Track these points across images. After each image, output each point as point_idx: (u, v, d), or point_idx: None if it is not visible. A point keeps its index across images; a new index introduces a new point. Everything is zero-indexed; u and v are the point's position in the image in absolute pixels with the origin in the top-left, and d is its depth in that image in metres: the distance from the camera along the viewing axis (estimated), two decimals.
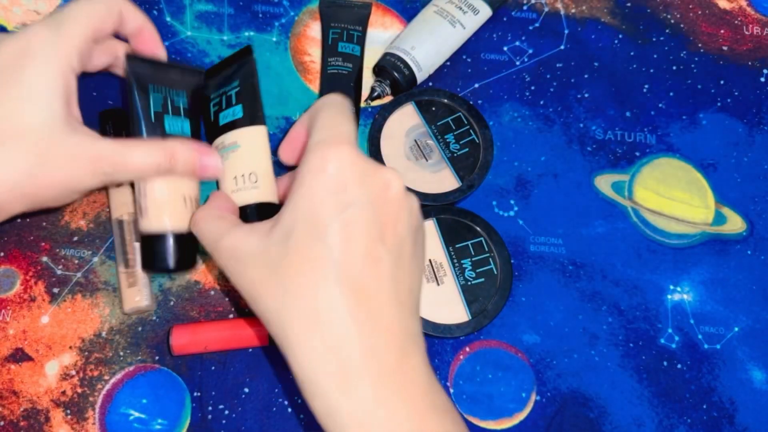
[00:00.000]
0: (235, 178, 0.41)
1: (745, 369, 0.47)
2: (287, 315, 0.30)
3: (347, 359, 0.29)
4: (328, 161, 0.30)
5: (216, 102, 0.44)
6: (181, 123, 0.41)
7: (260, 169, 0.41)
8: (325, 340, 0.29)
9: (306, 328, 0.30)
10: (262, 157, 0.42)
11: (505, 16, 0.56)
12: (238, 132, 0.42)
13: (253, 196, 0.41)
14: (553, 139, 0.52)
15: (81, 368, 0.44)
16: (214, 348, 0.44)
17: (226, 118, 0.42)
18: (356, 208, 0.30)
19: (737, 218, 0.51)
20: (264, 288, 0.31)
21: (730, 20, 0.57)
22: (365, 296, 0.30)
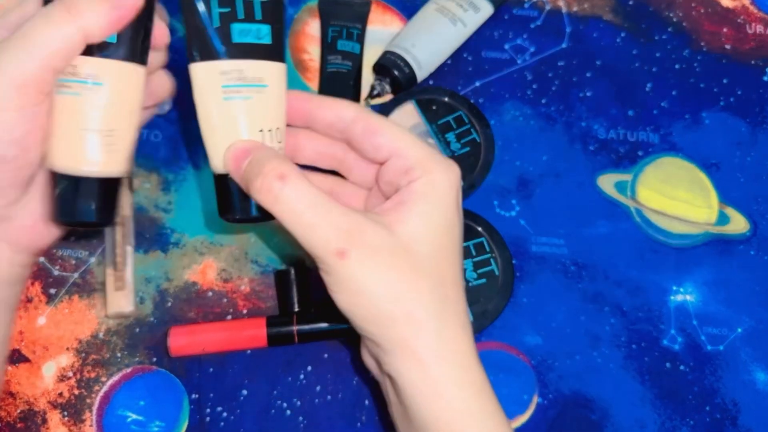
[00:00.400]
0: (261, 131, 0.31)
1: (749, 370, 0.46)
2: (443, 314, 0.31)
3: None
4: (455, 174, 0.33)
5: (227, 1, 0.31)
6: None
7: (282, 125, 0.33)
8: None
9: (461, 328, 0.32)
10: (283, 109, 0.33)
11: (506, 14, 0.56)
12: (264, 65, 0.31)
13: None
14: (555, 138, 0.52)
15: (78, 370, 0.43)
16: (212, 349, 0.43)
17: (246, 36, 0.30)
18: (461, 218, 0.34)
19: (740, 218, 0.50)
20: (414, 285, 0.31)
21: (733, 19, 0.57)
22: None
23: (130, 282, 0.44)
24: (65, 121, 0.30)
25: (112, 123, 0.30)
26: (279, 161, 0.30)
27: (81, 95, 0.29)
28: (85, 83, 0.29)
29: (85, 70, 0.29)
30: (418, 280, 0.30)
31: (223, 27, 0.30)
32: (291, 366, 0.44)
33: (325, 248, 0.29)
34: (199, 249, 0.47)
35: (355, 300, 0.30)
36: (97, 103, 0.29)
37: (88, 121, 0.29)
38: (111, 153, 0.30)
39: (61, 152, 0.30)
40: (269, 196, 0.30)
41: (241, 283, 0.46)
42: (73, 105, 0.29)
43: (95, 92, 0.29)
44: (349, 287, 0.30)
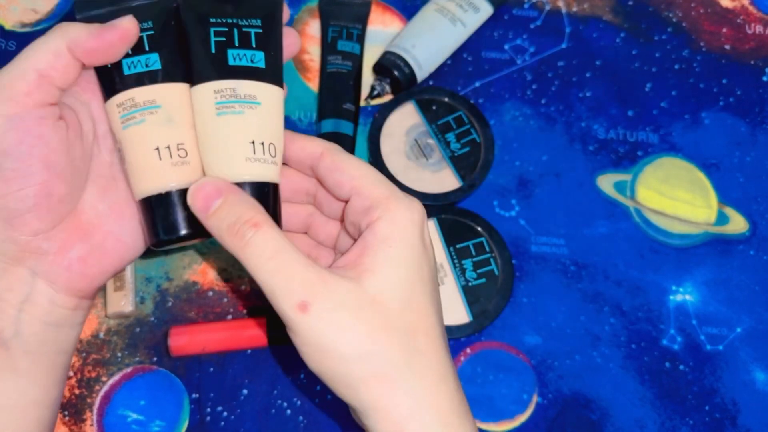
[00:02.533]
0: (252, 142, 0.32)
1: (748, 370, 0.46)
2: (413, 365, 0.30)
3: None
4: (417, 212, 0.31)
5: (223, 32, 0.33)
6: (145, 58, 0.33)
7: (278, 143, 0.34)
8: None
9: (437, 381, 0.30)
10: (279, 130, 0.34)
11: (506, 14, 0.56)
12: (256, 84, 0.33)
13: (271, 174, 0.33)
14: (555, 138, 0.52)
15: (79, 369, 0.43)
16: (212, 349, 0.43)
17: (241, 60, 0.33)
18: (431, 255, 0.32)
19: (740, 218, 0.51)
20: (382, 338, 0.29)
21: (733, 19, 0.57)
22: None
23: (130, 282, 0.44)
24: (139, 149, 0.32)
25: (179, 138, 0.33)
26: (255, 210, 0.30)
27: (146, 120, 0.32)
28: (145, 109, 0.32)
29: (143, 98, 0.32)
30: (386, 335, 0.29)
31: (219, 53, 0.33)
32: (291, 366, 0.44)
33: (288, 301, 0.28)
34: (199, 249, 0.47)
35: (322, 359, 0.29)
36: (160, 122, 0.32)
37: (158, 141, 0.32)
38: (188, 164, 0.33)
39: (143, 177, 0.33)
40: (240, 241, 0.29)
41: (242, 283, 0.46)
42: (141, 131, 0.32)
43: (157, 114, 0.32)
44: (314, 345, 0.29)
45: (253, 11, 0.34)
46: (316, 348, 0.29)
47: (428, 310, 0.31)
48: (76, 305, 0.33)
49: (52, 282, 0.32)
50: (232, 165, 0.32)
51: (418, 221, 0.31)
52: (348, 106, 0.50)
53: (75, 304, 0.33)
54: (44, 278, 0.31)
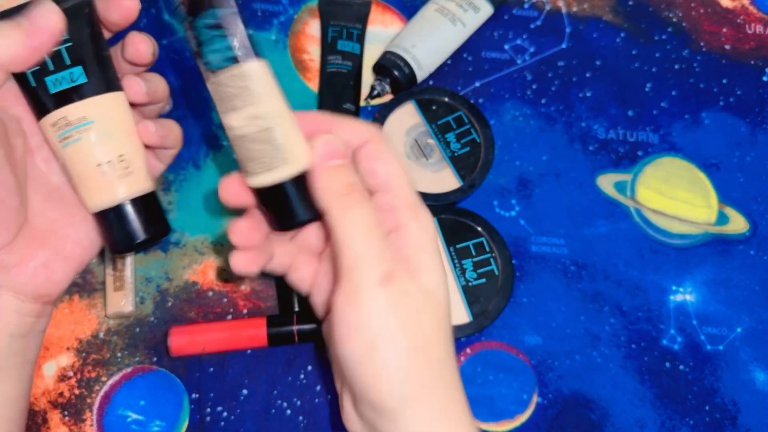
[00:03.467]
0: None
1: (748, 370, 0.46)
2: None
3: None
4: (433, 227, 0.32)
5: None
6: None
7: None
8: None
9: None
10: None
11: (506, 14, 0.56)
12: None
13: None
14: (555, 138, 0.52)
15: (78, 369, 0.43)
16: (212, 349, 0.43)
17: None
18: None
19: (740, 218, 0.50)
20: (442, 328, 0.30)
21: (733, 19, 0.57)
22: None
23: (129, 282, 0.44)
24: (82, 166, 0.32)
25: (118, 149, 0.33)
26: (359, 184, 0.31)
27: (82, 138, 0.32)
28: (80, 126, 0.32)
29: (75, 115, 0.32)
30: (437, 336, 0.30)
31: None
32: (291, 366, 0.44)
33: (377, 268, 0.29)
34: (199, 249, 0.47)
35: (373, 340, 0.28)
36: (97, 138, 0.32)
37: (99, 157, 0.32)
38: (132, 174, 0.33)
39: (92, 193, 0.32)
40: (348, 201, 0.30)
41: (241, 283, 0.46)
42: (81, 149, 0.32)
43: (91, 130, 0.32)
44: (374, 324, 0.28)
45: None
46: (373, 329, 0.29)
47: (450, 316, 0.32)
48: (40, 312, 0.34)
49: (18, 292, 0.32)
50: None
51: (436, 230, 0.33)
52: (348, 106, 0.50)
53: (39, 311, 0.33)
54: (10, 289, 0.32)
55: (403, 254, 0.31)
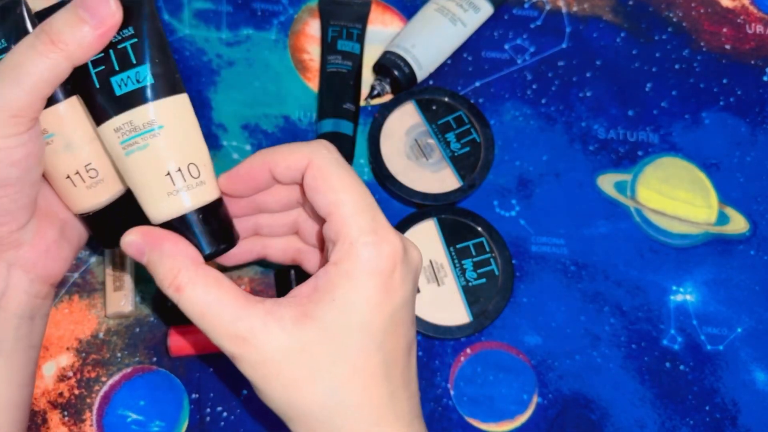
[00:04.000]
0: (168, 174, 0.30)
1: (748, 370, 0.46)
2: (337, 420, 0.30)
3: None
4: (385, 259, 0.29)
5: (99, 59, 0.30)
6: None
7: (198, 158, 0.31)
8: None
9: (360, 430, 0.30)
10: (194, 142, 0.32)
11: (506, 14, 0.56)
12: (151, 107, 0.30)
13: (202, 197, 0.31)
14: (555, 138, 0.52)
15: (78, 370, 0.43)
16: (212, 349, 0.43)
17: (127, 85, 0.30)
18: (403, 310, 0.30)
19: (740, 218, 0.50)
20: (305, 391, 0.29)
21: (733, 19, 0.57)
22: (407, 389, 0.31)
23: (129, 282, 0.44)
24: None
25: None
26: (177, 269, 0.29)
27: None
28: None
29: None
30: (312, 384, 0.29)
31: (103, 85, 0.30)
32: None
33: (226, 350, 0.29)
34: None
35: (263, 386, 0.30)
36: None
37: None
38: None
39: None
40: (173, 296, 0.30)
41: (241, 283, 0.46)
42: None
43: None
44: (254, 382, 0.30)
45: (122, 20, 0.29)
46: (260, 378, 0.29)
47: (364, 365, 0.30)
48: (47, 293, 0.34)
49: (29, 270, 0.32)
50: (157, 205, 0.31)
51: (384, 269, 0.29)
52: (348, 106, 0.50)
53: (46, 291, 0.34)
54: (21, 268, 0.32)
55: (311, 295, 0.29)
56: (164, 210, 0.31)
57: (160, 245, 0.30)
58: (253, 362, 0.29)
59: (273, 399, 0.30)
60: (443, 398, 0.44)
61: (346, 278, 0.29)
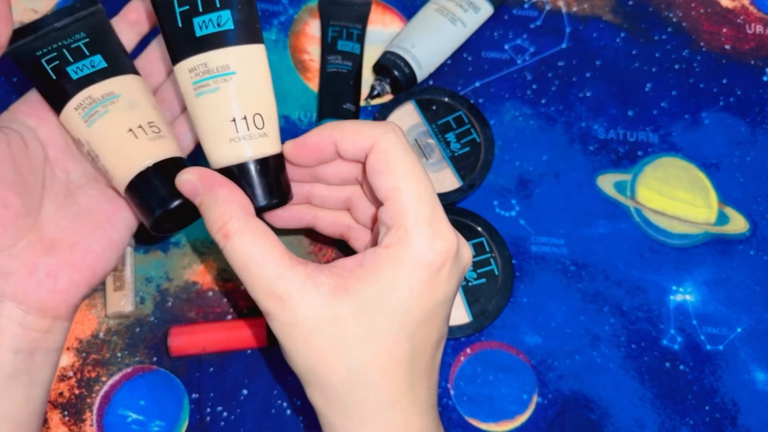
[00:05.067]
0: (233, 120, 0.30)
1: (748, 370, 0.46)
2: (354, 395, 0.29)
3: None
4: (437, 254, 0.29)
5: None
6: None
7: (264, 109, 0.31)
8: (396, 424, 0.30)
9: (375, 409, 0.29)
10: (263, 92, 0.32)
11: (506, 14, 0.56)
12: (227, 51, 0.30)
13: (263, 148, 0.31)
14: (555, 138, 0.52)
15: (78, 369, 0.43)
16: (212, 349, 0.43)
17: (207, 27, 0.30)
18: (442, 306, 0.30)
19: (740, 218, 0.51)
20: (329, 362, 0.29)
21: (733, 19, 0.57)
22: (429, 380, 0.31)
23: (129, 282, 0.44)
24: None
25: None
26: (228, 215, 0.29)
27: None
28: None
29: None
30: (337, 357, 0.29)
31: (185, 25, 0.30)
32: None
33: (261, 305, 0.29)
34: (199, 249, 0.47)
35: (289, 347, 0.29)
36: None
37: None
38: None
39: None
40: (219, 242, 0.30)
41: (242, 283, 0.46)
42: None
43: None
44: (281, 340, 0.29)
45: None
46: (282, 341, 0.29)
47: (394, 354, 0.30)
48: (50, 327, 0.32)
49: (21, 302, 0.31)
50: (218, 149, 0.31)
51: (434, 263, 0.29)
52: (348, 106, 0.50)
53: (48, 325, 0.32)
54: (12, 299, 0.30)
55: (355, 271, 0.29)
56: (224, 155, 0.31)
57: (216, 189, 0.30)
58: (285, 323, 0.29)
59: (296, 362, 0.29)
60: (443, 398, 0.44)
61: (394, 263, 0.29)
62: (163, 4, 0.30)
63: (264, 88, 0.31)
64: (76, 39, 0.34)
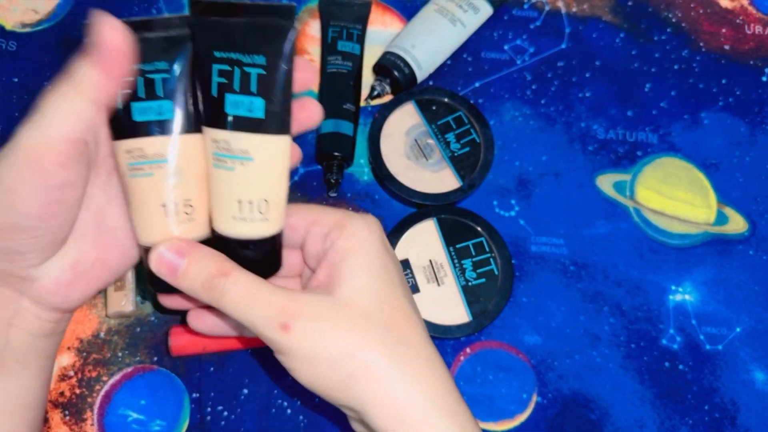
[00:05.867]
0: (239, 201, 0.31)
1: (747, 370, 0.46)
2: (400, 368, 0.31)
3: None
4: (372, 225, 0.33)
5: (225, 71, 0.30)
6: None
7: (274, 199, 0.32)
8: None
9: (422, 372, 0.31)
10: (277, 185, 0.32)
11: (506, 15, 0.56)
12: (251, 137, 0.31)
13: (260, 231, 0.32)
14: (555, 138, 0.52)
15: (79, 369, 0.43)
16: (212, 349, 0.43)
17: (238, 108, 0.30)
18: (395, 259, 0.34)
19: (739, 218, 0.51)
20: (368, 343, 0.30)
21: (732, 19, 0.57)
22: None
23: (130, 282, 0.44)
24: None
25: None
26: (221, 260, 0.31)
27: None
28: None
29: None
30: (367, 332, 0.30)
31: (219, 97, 0.31)
32: None
33: (269, 326, 0.30)
34: None
35: (313, 369, 0.30)
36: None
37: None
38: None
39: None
40: (215, 292, 0.30)
41: None
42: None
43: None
44: (302, 357, 0.30)
45: (258, 45, 0.29)
46: (304, 360, 0.30)
47: (403, 306, 0.32)
48: (60, 318, 0.34)
49: (36, 302, 0.32)
50: (221, 220, 0.32)
51: (376, 230, 0.33)
52: (348, 106, 0.50)
53: (59, 317, 0.34)
54: (30, 299, 0.32)
55: (331, 269, 0.32)
56: (221, 226, 0.32)
57: (199, 247, 0.32)
58: (306, 325, 0.30)
59: (333, 358, 0.30)
60: None
61: (354, 240, 0.32)
62: (203, 64, 0.31)
63: (277, 178, 0.32)
64: (157, 69, 0.30)
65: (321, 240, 0.33)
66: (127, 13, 0.53)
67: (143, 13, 0.53)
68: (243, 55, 0.30)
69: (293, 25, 0.29)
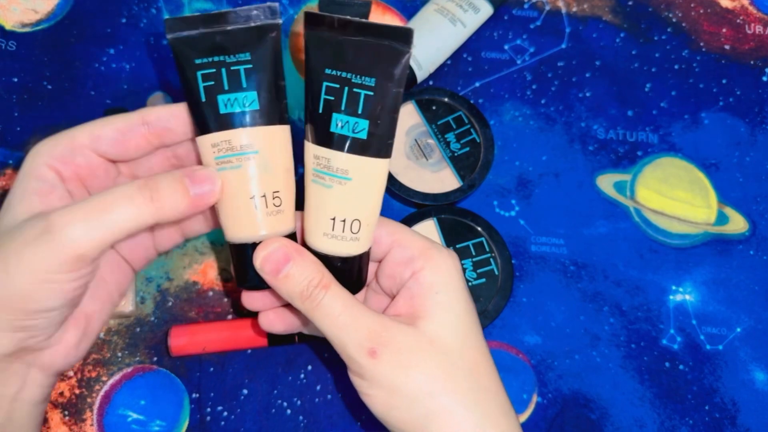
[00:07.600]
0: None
1: (747, 370, 0.46)
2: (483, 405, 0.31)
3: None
4: (456, 260, 0.33)
5: (333, 89, 0.30)
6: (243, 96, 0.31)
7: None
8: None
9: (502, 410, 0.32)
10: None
11: (506, 15, 0.56)
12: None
13: (349, 250, 0.32)
14: (555, 138, 0.52)
15: (79, 369, 0.43)
16: (212, 349, 0.43)
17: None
18: (473, 306, 0.34)
19: (739, 218, 0.51)
20: (451, 385, 0.31)
21: (732, 19, 0.57)
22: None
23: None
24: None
25: (274, 185, 0.32)
26: (323, 272, 0.31)
27: (242, 166, 0.31)
28: (244, 154, 0.31)
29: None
30: (451, 373, 0.30)
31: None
32: (291, 365, 0.44)
33: (358, 349, 0.30)
34: (199, 249, 0.47)
35: (390, 400, 0.30)
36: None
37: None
38: (282, 212, 0.32)
39: (237, 225, 0.32)
40: (312, 302, 0.31)
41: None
42: (239, 177, 0.31)
43: (254, 159, 0.31)
44: (383, 386, 0.30)
45: (370, 66, 0.30)
46: (383, 389, 0.30)
47: (483, 348, 0.32)
48: (56, 381, 0.35)
49: (45, 369, 0.33)
50: (312, 235, 0.32)
51: (458, 266, 0.33)
52: None
53: (56, 381, 0.35)
54: (39, 368, 0.33)
55: (414, 301, 0.32)
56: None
57: (303, 253, 0.32)
58: (394, 353, 0.31)
59: (414, 393, 0.30)
60: None
61: (439, 276, 0.32)
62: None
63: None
64: (240, 60, 0.30)
65: (402, 264, 0.33)
66: (127, 12, 0.53)
67: (142, 12, 0.53)
68: (353, 75, 0.30)
69: (409, 50, 0.29)
